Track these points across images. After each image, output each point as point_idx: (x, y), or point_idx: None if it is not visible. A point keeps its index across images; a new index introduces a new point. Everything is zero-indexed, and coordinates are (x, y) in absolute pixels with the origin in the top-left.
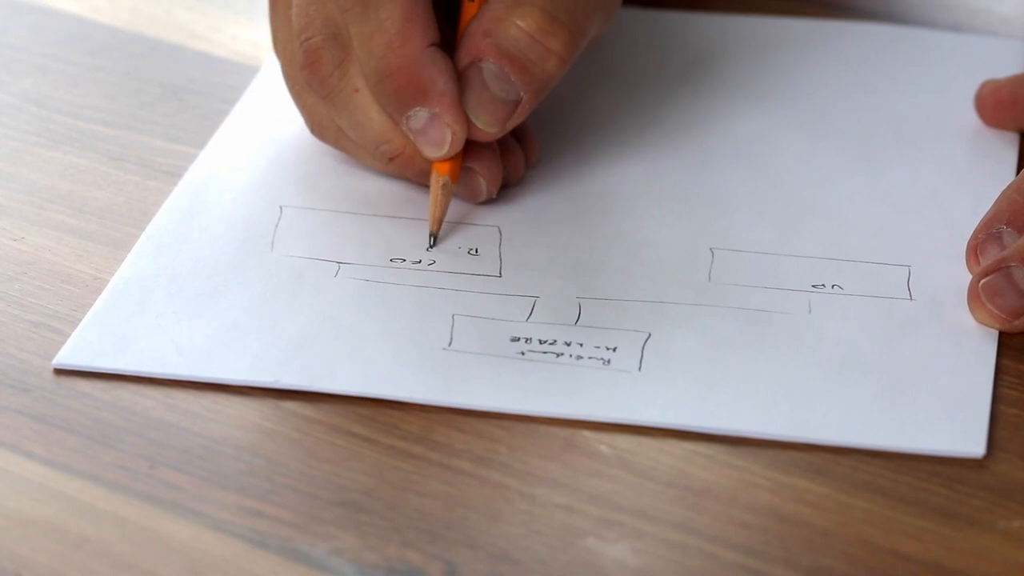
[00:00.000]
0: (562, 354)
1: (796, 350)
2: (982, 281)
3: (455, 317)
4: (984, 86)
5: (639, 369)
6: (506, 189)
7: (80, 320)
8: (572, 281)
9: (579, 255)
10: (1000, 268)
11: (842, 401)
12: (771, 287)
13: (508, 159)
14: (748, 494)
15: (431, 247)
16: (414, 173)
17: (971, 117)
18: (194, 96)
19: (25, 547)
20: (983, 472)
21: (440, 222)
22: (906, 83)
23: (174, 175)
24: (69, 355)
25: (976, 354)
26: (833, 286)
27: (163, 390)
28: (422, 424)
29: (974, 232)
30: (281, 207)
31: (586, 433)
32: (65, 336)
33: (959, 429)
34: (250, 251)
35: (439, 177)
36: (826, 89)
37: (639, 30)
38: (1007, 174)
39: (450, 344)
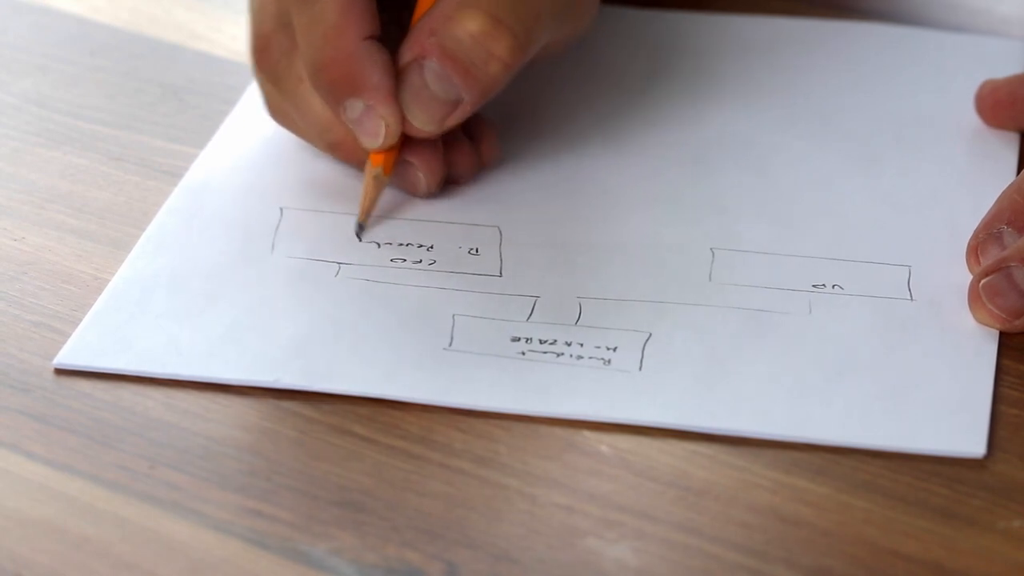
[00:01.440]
0: (562, 354)
1: (796, 350)
2: (982, 281)
3: (455, 317)
4: (984, 86)
5: (639, 369)
6: (497, 189)
7: (80, 320)
8: (572, 281)
9: (579, 255)
10: (1000, 268)
11: (842, 401)
12: (771, 287)
13: (456, 156)
14: (748, 494)
15: (360, 238)
16: (356, 161)
17: (971, 117)
18: (194, 96)
19: (25, 547)
20: (983, 472)
21: (368, 213)
22: (906, 83)
23: (174, 175)
24: (69, 355)
25: (976, 354)
26: (833, 286)
27: (163, 390)
28: (422, 424)
29: (974, 232)
30: (281, 208)
31: (586, 433)
32: (65, 336)
33: (959, 429)
34: (250, 251)
35: (371, 168)
36: (826, 89)
37: (639, 30)
38: (1007, 174)
39: (450, 344)
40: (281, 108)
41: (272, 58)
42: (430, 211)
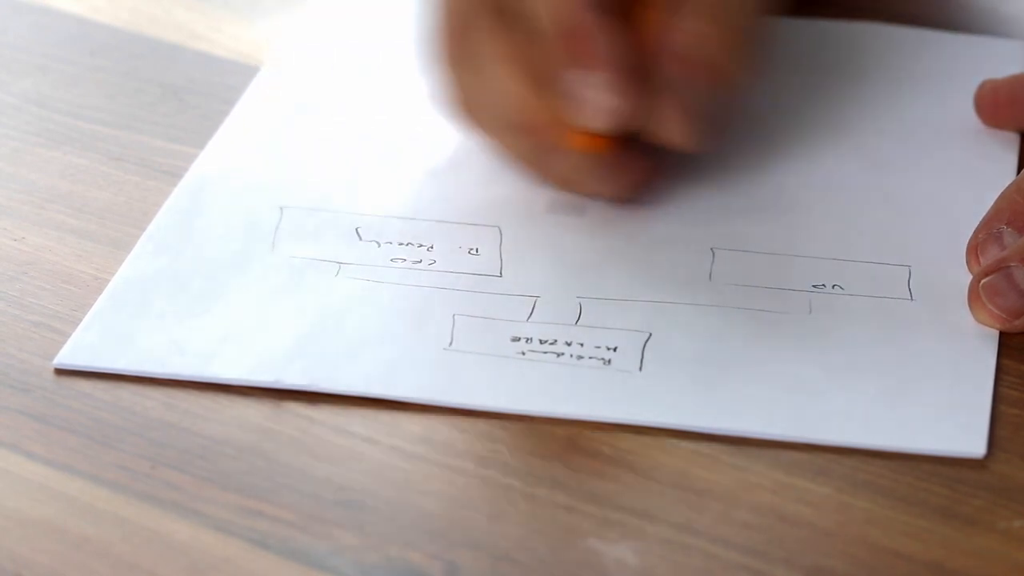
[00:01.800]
0: (563, 354)
1: (796, 350)
2: (982, 281)
3: (455, 317)
4: (983, 86)
5: (640, 369)
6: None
7: (80, 320)
8: (572, 281)
9: (579, 255)
10: (1000, 268)
11: (842, 401)
12: (771, 287)
13: (647, 163)
14: (749, 494)
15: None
16: (546, 145)
17: (971, 117)
18: (194, 96)
19: (25, 547)
20: (983, 472)
21: (580, 191)
22: (907, 83)
23: (174, 175)
24: (69, 355)
25: (976, 354)
26: (833, 286)
27: (163, 390)
28: (423, 424)
29: (974, 232)
30: (281, 208)
31: (587, 433)
32: (65, 336)
33: (960, 429)
34: (251, 251)
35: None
36: (827, 89)
37: None
38: (1007, 174)
39: (450, 344)
40: (468, 97)
41: (471, 40)
42: (430, 211)
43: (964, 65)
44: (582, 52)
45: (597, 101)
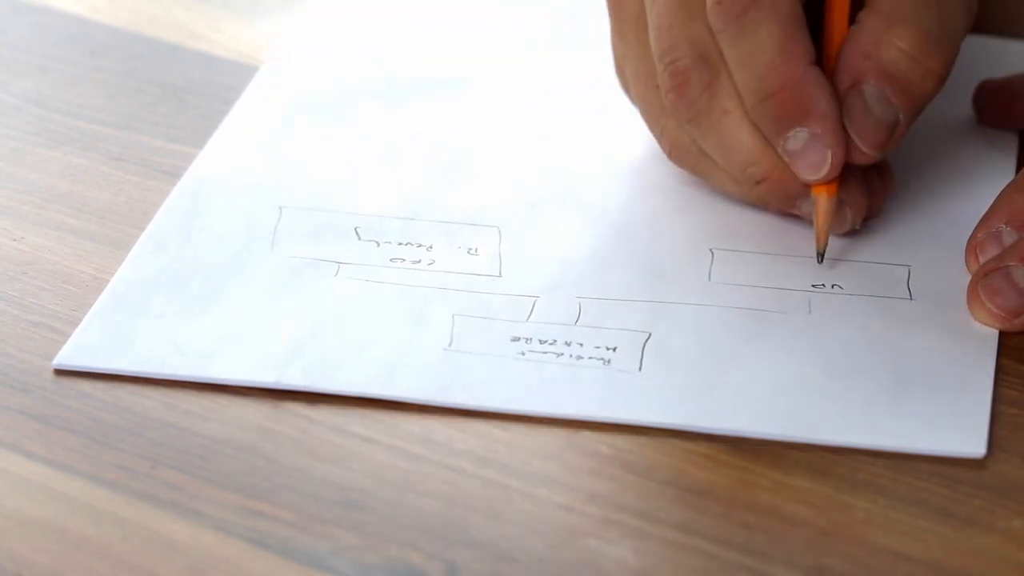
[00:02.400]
0: (562, 354)
1: (796, 350)
2: (981, 280)
3: (455, 317)
4: (982, 86)
5: (639, 369)
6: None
7: (80, 320)
8: (572, 281)
9: (579, 254)
10: (999, 267)
11: (842, 401)
12: (771, 287)
13: (870, 189)
14: (748, 494)
15: (820, 263)
16: (780, 198)
17: (971, 117)
18: (194, 96)
19: (25, 547)
20: (983, 472)
21: (827, 240)
22: None
23: (174, 175)
24: (69, 355)
25: (976, 354)
26: (833, 286)
27: (163, 390)
28: (422, 424)
29: (973, 232)
30: (281, 207)
31: (586, 433)
32: (65, 336)
33: (959, 429)
34: (250, 251)
35: (826, 200)
36: None
37: None
38: (1007, 174)
39: (450, 344)
40: (690, 147)
41: (692, 93)
42: (430, 211)
43: (964, 65)
44: (802, 110)
45: (820, 157)
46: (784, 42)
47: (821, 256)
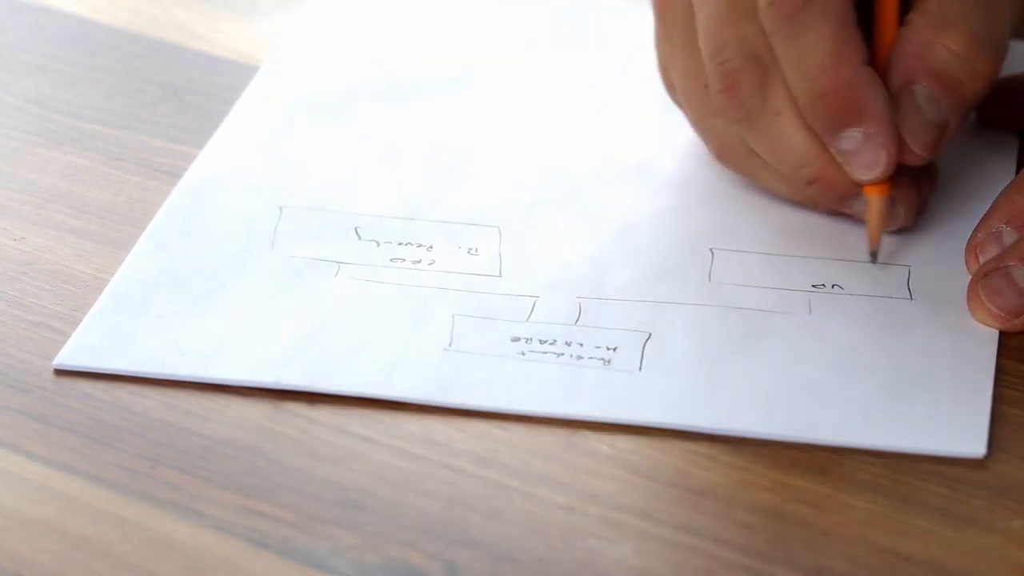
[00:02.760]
0: (562, 354)
1: (796, 350)
2: (981, 280)
3: (455, 317)
4: None
5: (639, 369)
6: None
7: (80, 320)
8: (572, 281)
9: (579, 254)
10: (999, 267)
11: (842, 401)
12: (771, 287)
13: (920, 186)
14: (749, 494)
15: (873, 263)
16: (831, 198)
17: (971, 117)
18: (194, 96)
19: (25, 547)
20: (983, 472)
21: (879, 240)
22: None
23: (174, 175)
24: (69, 355)
25: (976, 354)
26: (833, 286)
27: (163, 390)
28: (422, 424)
29: (973, 232)
30: (281, 207)
31: (587, 433)
32: (65, 336)
33: (960, 429)
34: (250, 251)
35: (879, 199)
36: None
37: (634, 27)
38: (1007, 174)
39: (450, 344)
40: (738, 147)
41: (744, 93)
42: (430, 211)
43: None
44: (856, 110)
45: (874, 158)
46: (837, 43)
47: (875, 256)
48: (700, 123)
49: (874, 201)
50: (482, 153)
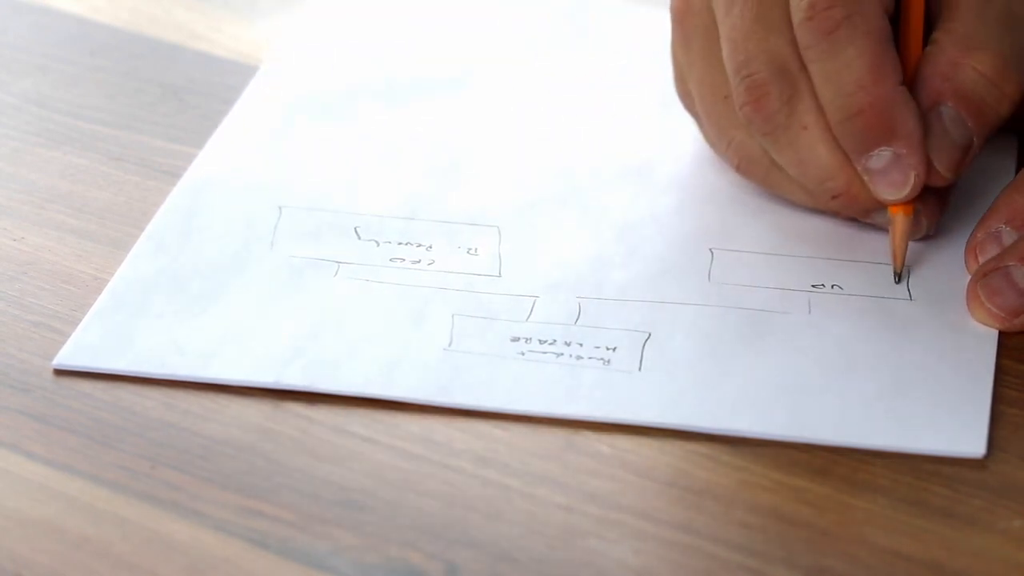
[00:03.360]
0: (562, 354)
1: (796, 350)
2: (981, 280)
3: (455, 317)
4: None
5: (639, 369)
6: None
7: (80, 320)
8: (572, 281)
9: (579, 254)
10: (999, 267)
11: (842, 401)
12: (771, 287)
13: (941, 195)
14: (748, 494)
15: (898, 283)
16: (856, 211)
17: None
18: (194, 96)
19: (25, 547)
20: (983, 472)
21: (904, 260)
22: None
23: (174, 175)
24: (69, 355)
25: (976, 354)
26: (833, 286)
27: (163, 390)
28: (422, 424)
29: (973, 232)
30: (281, 207)
31: (586, 433)
32: (65, 336)
33: (959, 429)
34: (250, 251)
35: (903, 219)
36: None
37: (634, 27)
38: (1007, 174)
39: (450, 344)
40: (760, 160)
41: (771, 107)
42: (430, 211)
43: None
44: (889, 129)
45: (902, 178)
46: (875, 60)
47: (899, 276)
48: (720, 135)
49: (899, 221)
50: (482, 153)
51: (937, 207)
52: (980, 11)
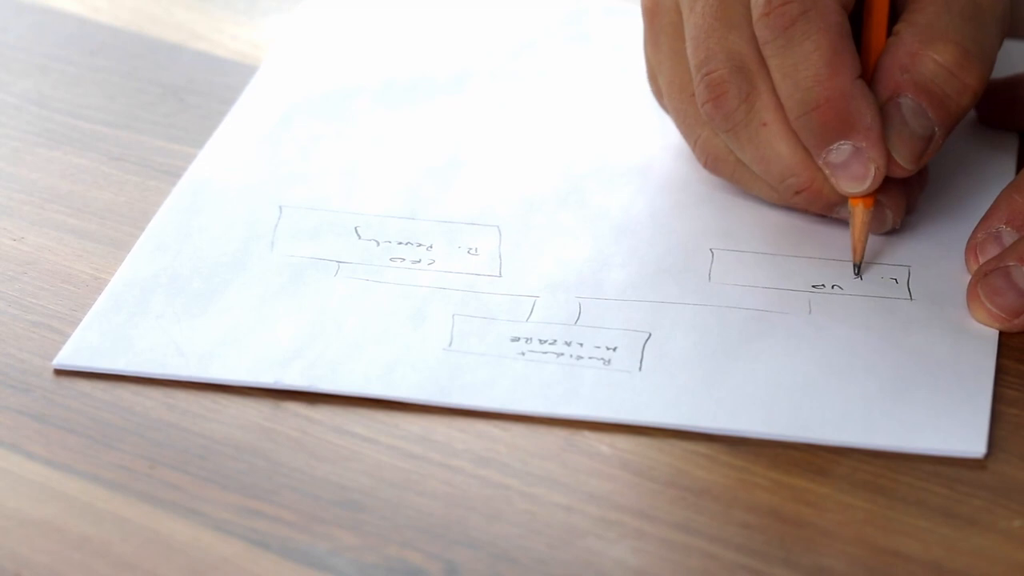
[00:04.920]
0: (562, 354)
1: (796, 350)
2: (981, 280)
3: (455, 317)
4: None
5: (639, 369)
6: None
7: (80, 320)
8: (572, 281)
9: (579, 254)
10: (999, 267)
11: (842, 401)
12: (771, 287)
13: (907, 188)
14: (748, 494)
15: (858, 276)
16: (820, 206)
17: (971, 117)
18: (194, 96)
19: (25, 547)
20: (983, 472)
21: (863, 253)
22: None
23: (174, 175)
24: (69, 355)
25: (976, 354)
26: (833, 286)
27: (163, 390)
28: (422, 424)
29: (973, 232)
30: (281, 207)
31: (586, 433)
32: (65, 336)
33: (959, 429)
34: (250, 251)
35: (863, 211)
36: None
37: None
38: (1007, 174)
39: (450, 344)
40: (726, 157)
41: (730, 104)
42: (430, 211)
43: None
44: (847, 123)
45: (862, 171)
46: (832, 54)
47: (858, 268)
48: (687, 132)
49: (858, 213)
50: (482, 153)
51: (903, 200)
52: (944, 2)
